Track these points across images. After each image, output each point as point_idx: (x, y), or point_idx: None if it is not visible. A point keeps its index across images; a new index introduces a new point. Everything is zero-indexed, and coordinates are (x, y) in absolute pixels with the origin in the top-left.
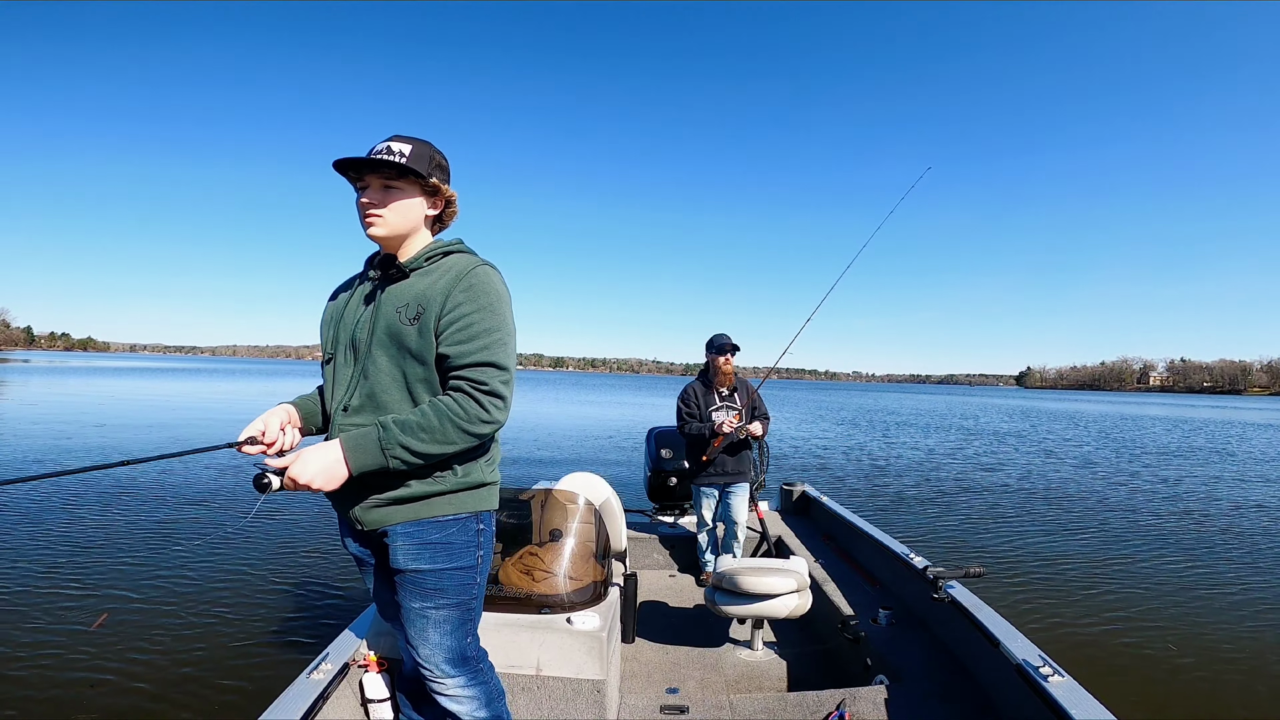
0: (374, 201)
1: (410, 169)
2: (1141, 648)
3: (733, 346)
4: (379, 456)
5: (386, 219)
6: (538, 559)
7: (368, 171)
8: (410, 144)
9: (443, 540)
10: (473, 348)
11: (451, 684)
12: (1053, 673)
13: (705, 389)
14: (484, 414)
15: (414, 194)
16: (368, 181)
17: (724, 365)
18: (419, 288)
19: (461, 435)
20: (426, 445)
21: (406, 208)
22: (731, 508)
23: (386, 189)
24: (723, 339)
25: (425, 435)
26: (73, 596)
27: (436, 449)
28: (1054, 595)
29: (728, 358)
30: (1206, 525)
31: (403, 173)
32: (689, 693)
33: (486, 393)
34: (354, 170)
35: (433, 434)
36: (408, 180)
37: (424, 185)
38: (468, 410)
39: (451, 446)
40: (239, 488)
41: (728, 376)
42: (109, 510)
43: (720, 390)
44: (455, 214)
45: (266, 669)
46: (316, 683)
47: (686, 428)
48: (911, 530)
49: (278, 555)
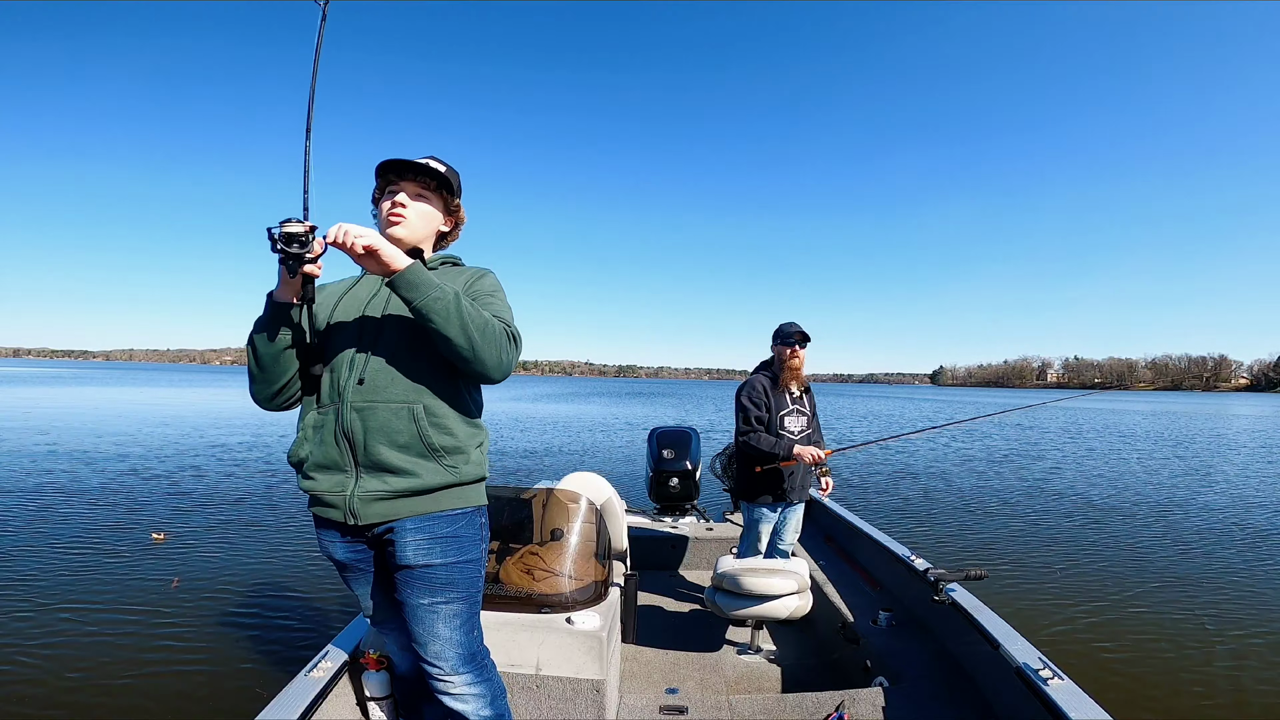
0: (406, 203)
1: (447, 181)
2: (1142, 651)
3: (803, 336)
4: (433, 285)
5: (411, 221)
6: (538, 558)
7: (408, 176)
8: (445, 166)
9: (452, 534)
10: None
11: (459, 681)
12: (1053, 675)
13: (775, 387)
14: (509, 347)
15: (438, 207)
16: (402, 186)
17: (794, 360)
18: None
19: (495, 349)
20: (470, 321)
21: (429, 216)
22: (784, 534)
23: (419, 195)
24: (791, 327)
25: (476, 316)
26: (50, 595)
27: (474, 333)
28: (1055, 598)
29: (795, 349)
30: (1206, 525)
31: (440, 185)
32: (688, 693)
33: (512, 335)
34: (396, 173)
35: (480, 322)
36: (438, 194)
37: (448, 203)
38: (503, 335)
39: (479, 342)
40: (239, 487)
41: (798, 374)
42: (103, 508)
43: (790, 389)
44: (457, 238)
45: (266, 667)
46: (315, 681)
47: (752, 438)
48: (911, 531)
49: (277, 554)
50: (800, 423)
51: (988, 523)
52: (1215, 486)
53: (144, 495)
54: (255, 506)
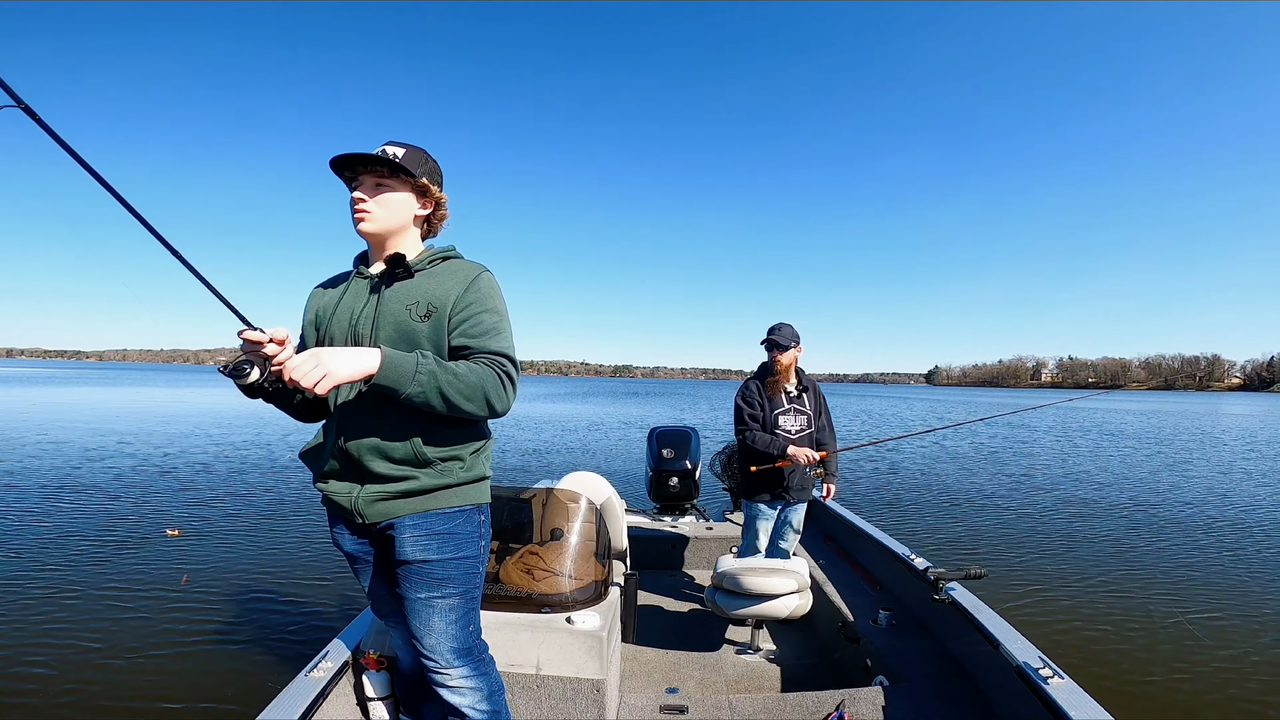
0: (365, 197)
1: (401, 166)
2: (1142, 649)
3: (782, 343)
4: (408, 375)
5: (376, 214)
6: (538, 558)
7: (361, 168)
8: (404, 148)
9: (449, 531)
10: (489, 339)
11: (456, 674)
12: (1053, 674)
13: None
14: (503, 393)
15: (404, 192)
16: (361, 180)
17: (776, 365)
18: (426, 288)
19: (484, 403)
20: (452, 392)
21: (396, 204)
22: (786, 534)
23: (378, 186)
24: (774, 330)
25: (458, 383)
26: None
27: (458, 401)
28: (1055, 597)
29: (776, 355)
30: (1205, 526)
31: (394, 170)
32: (689, 693)
33: (506, 375)
34: (349, 168)
35: (464, 387)
36: (399, 179)
37: (414, 184)
38: (498, 383)
39: (468, 406)
40: (246, 484)
41: (784, 375)
42: (96, 506)
43: (787, 390)
44: (445, 218)
45: (266, 667)
46: (316, 681)
47: (748, 436)
48: (911, 530)
49: (277, 554)
50: (799, 422)
51: (987, 522)
52: (1215, 486)
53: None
54: (261, 503)
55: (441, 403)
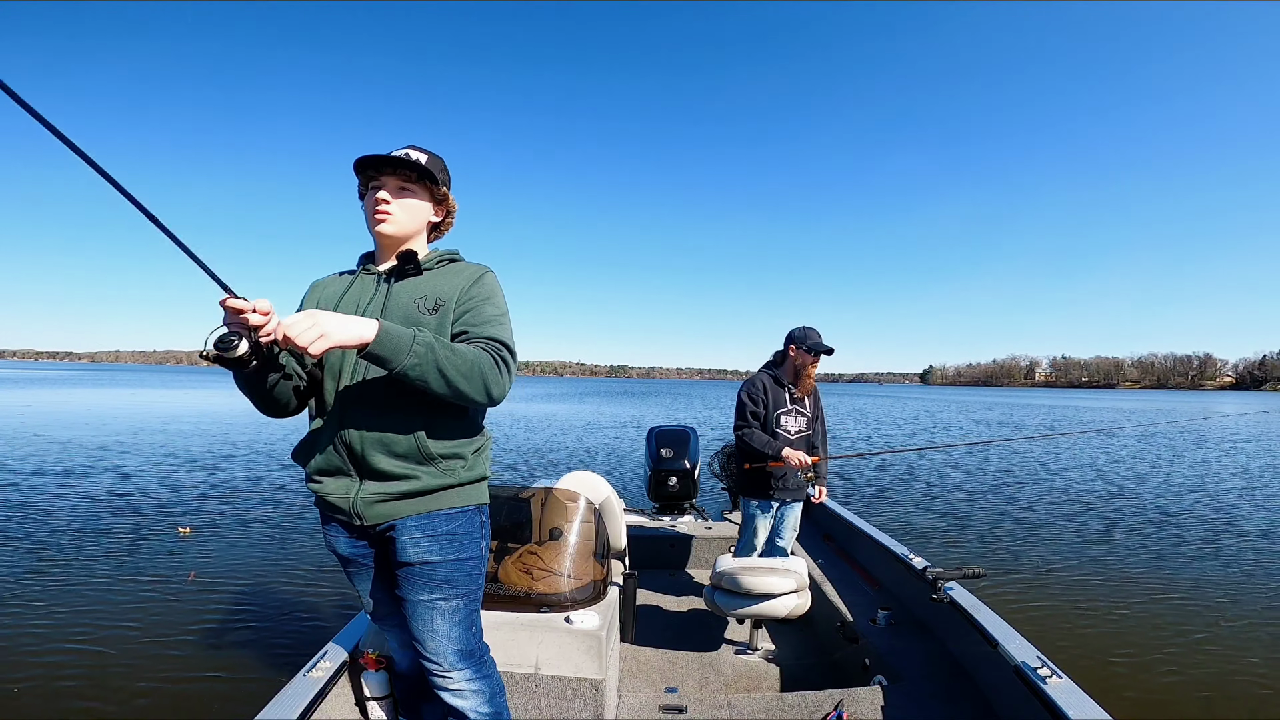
0: (389, 199)
1: (428, 172)
2: (1140, 649)
3: (828, 349)
4: (405, 345)
5: (397, 217)
6: (537, 558)
7: (388, 171)
8: (426, 154)
9: (451, 532)
10: (489, 326)
11: (458, 677)
12: (1051, 674)
13: (777, 386)
14: (500, 377)
15: (424, 198)
16: (384, 181)
17: (812, 368)
18: (434, 284)
19: (480, 384)
20: (449, 368)
21: (416, 209)
22: (782, 532)
23: (401, 189)
24: (816, 336)
25: (455, 359)
26: (55, 596)
27: (454, 378)
28: (1053, 597)
29: (817, 359)
30: (1204, 527)
31: (421, 176)
32: (687, 692)
33: (503, 359)
34: (375, 169)
35: (461, 364)
36: (422, 185)
37: (434, 193)
38: (494, 366)
39: (464, 386)
40: (248, 482)
41: (809, 383)
42: (93, 506)
43: (791, 390)
44: (451, 225)
45: (265, 667)
46: (314, 681)
47: (746, 434)
48: (910, 529)
49: (277, 554)
50: (799, 423)
51: (986, 521)
52: (1214, 486)
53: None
54: (262, 503)
55: (438, 377)
